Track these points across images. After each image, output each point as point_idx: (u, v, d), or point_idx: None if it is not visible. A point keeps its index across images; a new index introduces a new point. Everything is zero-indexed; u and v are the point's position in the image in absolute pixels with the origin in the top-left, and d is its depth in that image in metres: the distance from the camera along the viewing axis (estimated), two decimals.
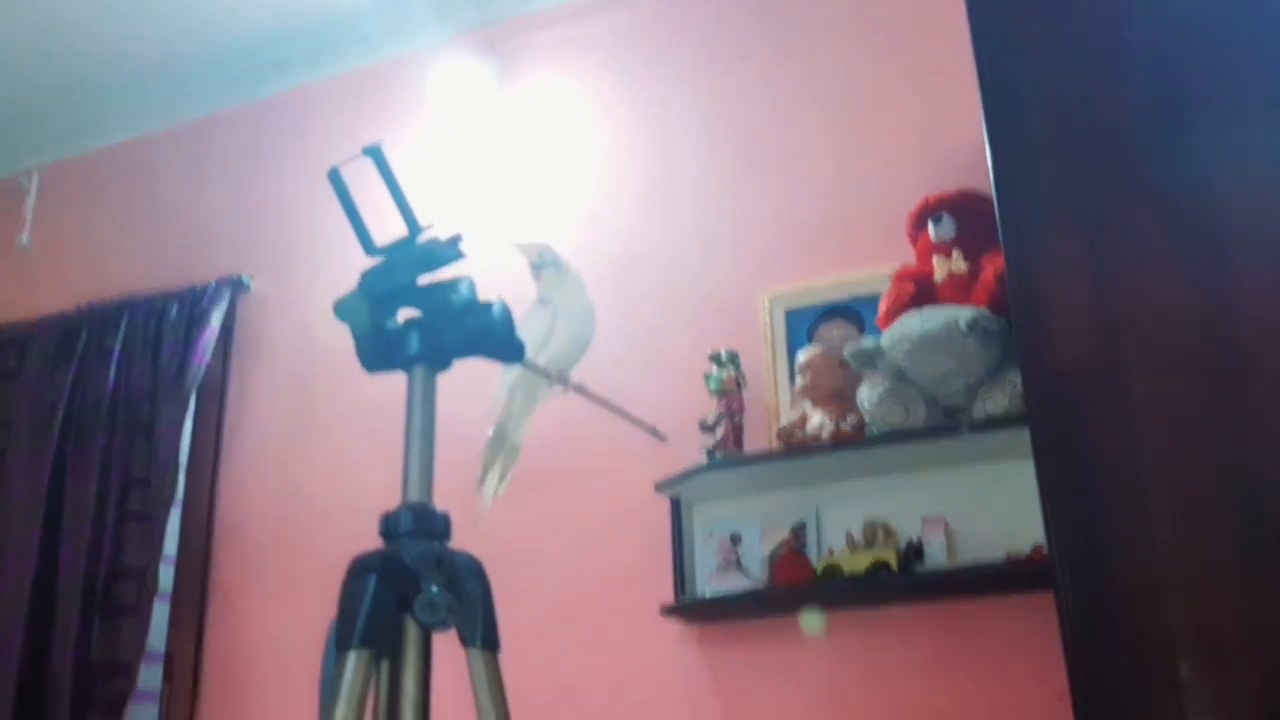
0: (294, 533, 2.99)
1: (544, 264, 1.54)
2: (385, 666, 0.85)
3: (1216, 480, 1.76)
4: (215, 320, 3.19)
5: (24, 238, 3.73)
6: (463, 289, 0.88)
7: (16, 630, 2.94)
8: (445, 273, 0.92)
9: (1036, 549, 2.20)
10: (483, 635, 0.85)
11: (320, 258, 3.27)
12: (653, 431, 1.71)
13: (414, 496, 0.85)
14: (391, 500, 2.90)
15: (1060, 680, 2.08)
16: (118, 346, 3.27)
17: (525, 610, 2.63)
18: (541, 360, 1.42)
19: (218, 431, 3.16)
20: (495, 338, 0.88)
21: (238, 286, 3.28)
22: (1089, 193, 1.97)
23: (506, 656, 2.67)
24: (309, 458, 3.05)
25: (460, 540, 0.94)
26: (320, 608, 2.94)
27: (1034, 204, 2.02)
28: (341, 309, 0.87)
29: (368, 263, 1.05)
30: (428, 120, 3.30)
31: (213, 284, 3.26)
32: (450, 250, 0.91)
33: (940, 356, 2.26)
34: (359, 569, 0.85)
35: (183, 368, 3.13)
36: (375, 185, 1.00)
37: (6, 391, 3.37)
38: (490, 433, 1.47)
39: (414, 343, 0.87)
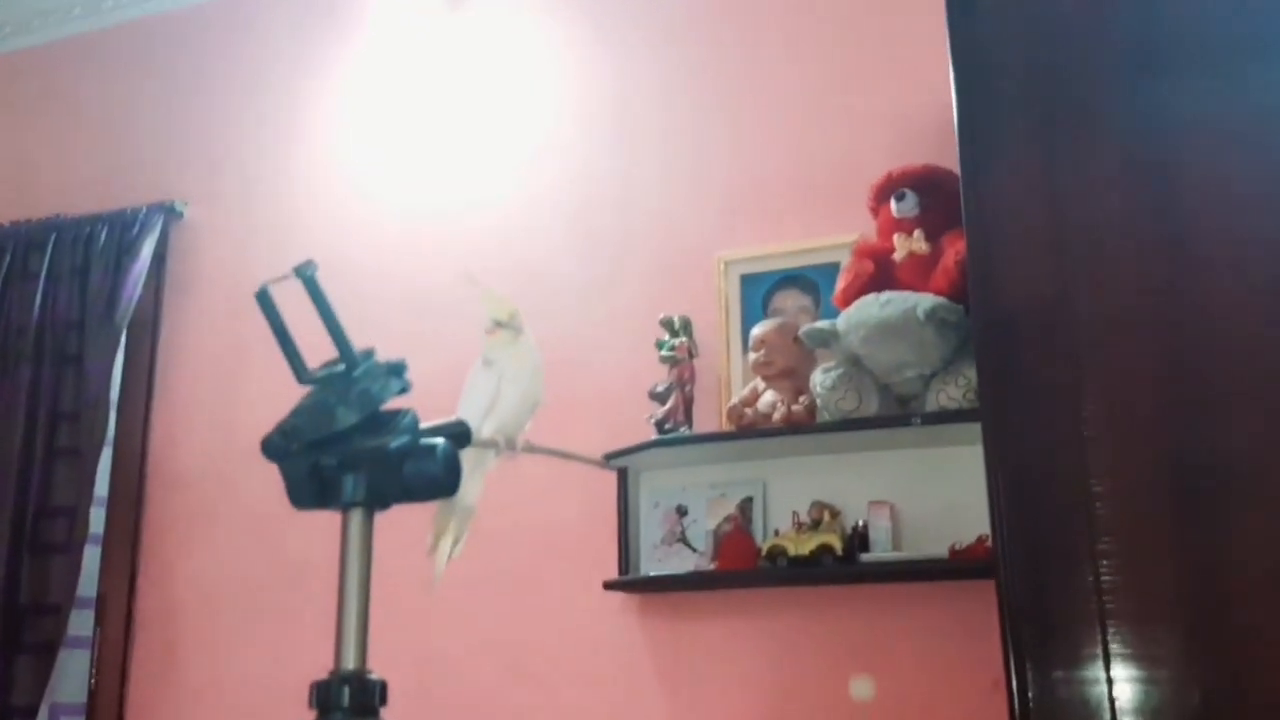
0: (229, 474, 2.92)
1: (509, 325, 1.46)
2: None
3: (1157, 440, 1.76)
4: (146, 250, 3.04)
5: None
6: (403, 428, 0.81)
7: None
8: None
9: (980, 539, 2.20)
10: None
11: (257, 185, 3.13)
12: (601, 464, 1.66)
13: (349, 664, 0.79)
14: None
15: (997, 668, 2.12)
16: (44, 271, 3.12)
17: (468, 574, 2.61)
18: (489, 427, 1.35)
19: (150, 367, 3.05)
20: (435, 483, 0.81)
21: (170, 213, 3.13)
22: (1050, 134, 1.91)
23: (448, 620, 2.66)
24: (245, 396, 2.96)
25: None
26: (255, 550, 2.91)
27: (995, 148, 1.97)
28: (270, 448, 0.80)
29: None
30: (371, 39, 3.13)
31: (144, 209, 3.11)
32: (391, 385, 0.83)
33: (897, 345, 2.22)
34: None
35: (113, 300, 3.00)
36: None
37: None
38: (437, 501, 1.40)
39: (350, 488, 0.80)
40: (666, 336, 2.48)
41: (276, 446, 0.79)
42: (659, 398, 2.46)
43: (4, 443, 2.98)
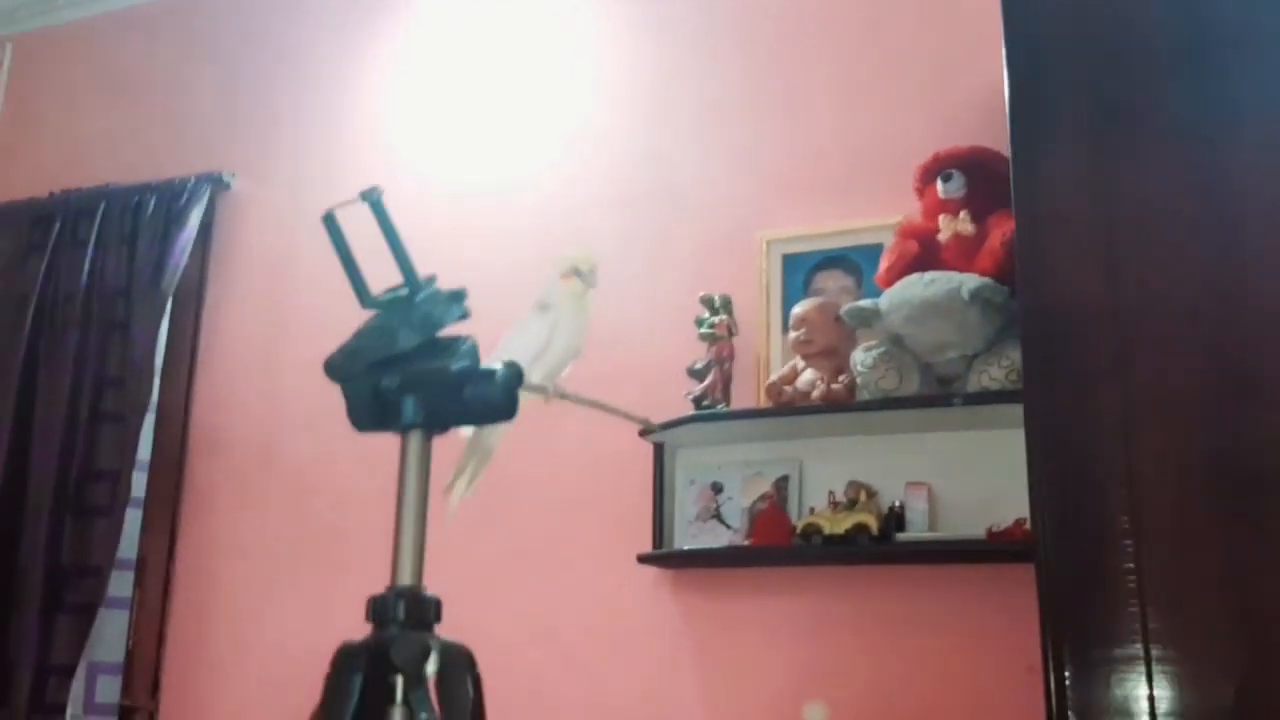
0: (270, 441, 2.95)
1: (585, 276, 1.48)
2: None
3: (1200, 428, 1.74)
4: (194, 219, 3.08)
5: None
6: (463, 353, 0.82)
7: None
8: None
9: (1018, 522, 2.19)
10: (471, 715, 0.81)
11: (304, 159, 3.16)
12: (644, 423, 1.67)
13: (405, 580, 0.80)
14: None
15: (1031, 652, 2.11)
16: (92, 239, 3.17)
17: (502, 547, 2.63)
18: (537, 373, 1.36)
19: (194, 335, 3.09)
20: (495, 408, 0.82)
21: (218, 184, 3.17)
22: (1102, 122, 1.90)
23: (481, 590, 2.67)
24: (287, 366, 3.00)
25: None
26: (293, 517, 2.95)
27: (1047, 133, 1.97)
28: (333, 368, 0.81)
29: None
30: (419, 17, 3.15)
31: (192, 180, 3.15)
32: (452, 311, 0.85)
33: (940, 324, 2.21)
34: (344, 664, 0.81)
35: (159, 267, 3.04)
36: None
37: None
38: (469, 435, 1.41)
39: (410, 410, 0.81)
40: (706, 314, 2.48)
41: (339, 367, 0.80)
42: (697, 375, 2.46)
43: (50, 407, 3.03)
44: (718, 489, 2.47)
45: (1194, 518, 1.78)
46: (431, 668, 0.78)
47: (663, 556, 2.44)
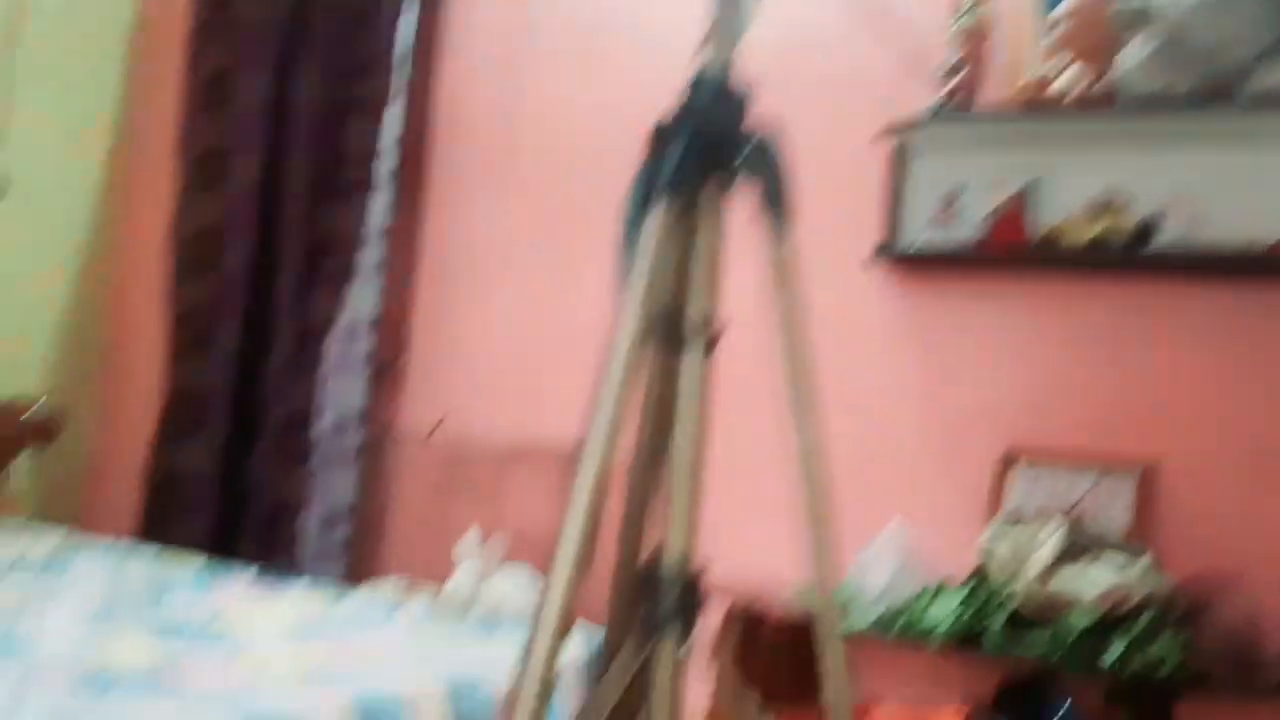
0: (512, 131, 3.03)
1: None
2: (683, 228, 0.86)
3: None
4: None
5: None
6: None
7: (251, 206, 3.15)
8: None
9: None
10: (778, 200, 0.86)
11: None
12: None
13: (718, 60, 0.82)
14: (607, 118, 2.84)
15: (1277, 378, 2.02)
16: None
17: (735, 239, 2.66)
18: None
19: (438, 26, 3.16)
20: None
21: None
22: None
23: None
24: (529, 64, 3.04)
25: None
26: (532, 204, 3.05)
27: None
28: None
29: None
30: None
31: None
32: None
33: (1226, 17, 2.03)
34: (668, 128, 0.84)
35: None
36: None
37: None
38: None
39: None
40: (964, 6, 2.36)
41: None
42: (945, 75, 2.36)
43: (304, 92, 3.17)
44: (957, 194, 2.40)
45: None
46: (745, 143, 0.81)
47: (896, 253, 2.42)
